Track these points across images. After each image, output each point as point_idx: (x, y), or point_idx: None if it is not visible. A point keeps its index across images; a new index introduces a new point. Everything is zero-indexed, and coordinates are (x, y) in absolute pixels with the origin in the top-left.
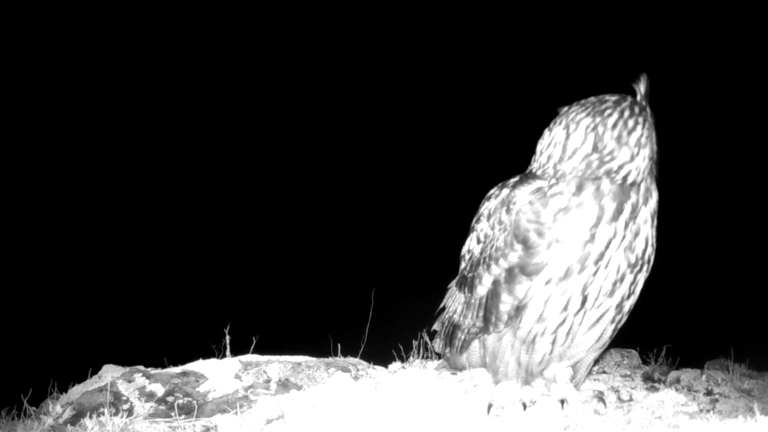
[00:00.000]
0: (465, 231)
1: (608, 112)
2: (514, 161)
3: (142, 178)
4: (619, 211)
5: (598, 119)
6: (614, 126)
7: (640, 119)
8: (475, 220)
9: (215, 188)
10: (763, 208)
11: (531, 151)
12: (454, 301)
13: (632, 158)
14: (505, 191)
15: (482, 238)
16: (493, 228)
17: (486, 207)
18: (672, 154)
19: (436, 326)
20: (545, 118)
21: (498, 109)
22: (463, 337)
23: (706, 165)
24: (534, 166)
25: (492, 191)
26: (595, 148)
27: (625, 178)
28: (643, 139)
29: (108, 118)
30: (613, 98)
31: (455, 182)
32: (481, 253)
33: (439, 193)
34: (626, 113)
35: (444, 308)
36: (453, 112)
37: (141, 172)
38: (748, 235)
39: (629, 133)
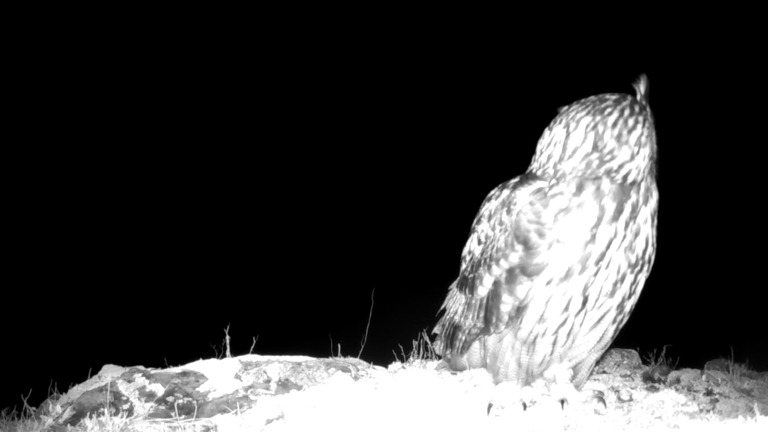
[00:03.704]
0: (465, 232)
1: (608, 110)
2: (514, 161)
3: (142, 178)
4: (619, 211)
5: (598, 118)
6: (614, 125)
7: (640, 118)
8: (475, 221)
9: (215, 188)
10: (763, 208)
11: (531, 151)
12: (455, 302)
13: (632, 157)
14: (506, 192)
15: (483, 239)
16: (493, 229)
17: (486, 208)
18: (672, 154)
19: (436, 329)
20: (545, 118)
21: (498, 109)
22: (463, 338)
23: (706, 165)
24: (534, 166)
25: (492, 192)
26: (595, 147)
27: (625, 178)
28: (644, 138)
29: (108, 118)
30: (614, 97)
31: (456, 183)
32: (481, 254)
33: (440, 193)
34: (626, 112)
35: (444, 310)
36: (453, 113)
37: (141, 172)
38: (748, 235)
39: (629, 132)
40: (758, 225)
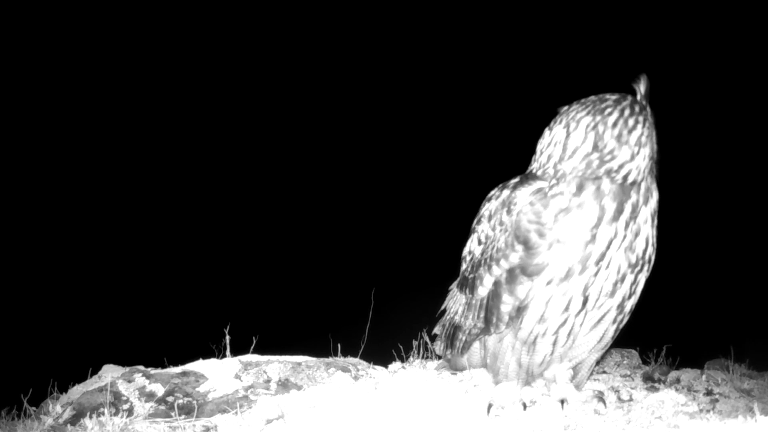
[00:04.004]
0: (466, 232)
1: (609, 110)
2: (514, 161)
3: (142, 178)
4: (619, 211)
5: (598, 118)
6: (614, 125)
7: (641, 118)
8: (476, 221)
9: (215, 188)
10: (763, 208)
11: (531, 151)
12: (455, 302)
13: (632, 157)
14: (506, 192)
15: (483, 239)
16: (494, 229)
17: (487, 208)
18: (672, 154)
19: (437, 330)
20: (545, 118)
21: (498, 109)
22: (464, 338)
23: (706, 165)
24: (534, 166)
25: (492, 192)
26: (595, 147)
27: (625, 178)
28: (644, 138)
29: (108, 118)
30: (614, 97)
31: (456, 183)
32: (482, 254)
33: (440, 193)
34: (626, 112)
35: (445, 310)
36: (453, 113)
37: (141, 172)
38: (748, 235)
39: (629, 131)
40: (758, 225)
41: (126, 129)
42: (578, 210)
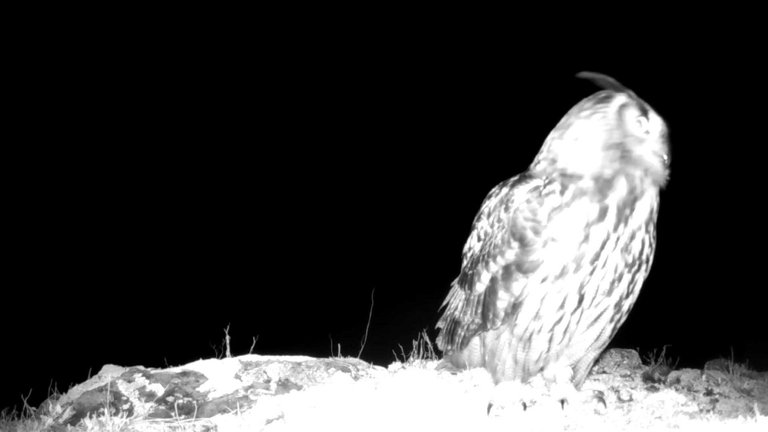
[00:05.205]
0: (466, 232)
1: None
2: (517, 160)
3: (141, 178)
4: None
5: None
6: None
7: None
8: (476, 218)
9: (215, 188)
10: (763, 208)
11: (533, 150)
12: (456, 298)
13: None
14: (505, 190)
15: (482, 236)
16: (492, 226)
17: (486, 205)
18: (672, 154)
19: (439, 324)
20: (546, 117)
21: (498, 109)
22: (463, 333)
23: (706, 165)
24: (534, 164)
25: (493, 190)
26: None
27: None
28: None
29: (108, 118)
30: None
31: (457, 182)
32: (480, 250)
33: (441, 192)
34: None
35: (447, 305)
36: (453, 112)
37: (141, 171)
38: (748, 235)
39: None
40: (758, 225)
41: (126, 129)
42: (572, 208)
